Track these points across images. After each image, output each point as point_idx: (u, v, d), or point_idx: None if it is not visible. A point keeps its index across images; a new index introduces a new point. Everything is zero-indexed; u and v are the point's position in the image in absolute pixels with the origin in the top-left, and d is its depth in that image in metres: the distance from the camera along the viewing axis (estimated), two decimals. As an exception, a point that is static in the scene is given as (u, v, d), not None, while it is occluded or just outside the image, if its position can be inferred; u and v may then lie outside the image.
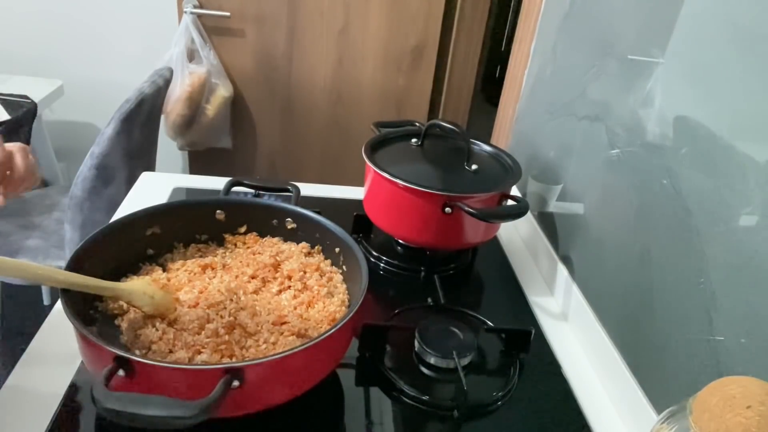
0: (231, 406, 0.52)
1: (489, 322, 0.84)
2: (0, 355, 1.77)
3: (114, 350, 0.52)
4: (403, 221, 0.91)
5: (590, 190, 0.89)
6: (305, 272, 0.76)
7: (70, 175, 2.08)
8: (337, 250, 0.77)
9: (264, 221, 0.82)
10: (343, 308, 0.71)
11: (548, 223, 1.03)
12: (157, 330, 0.64)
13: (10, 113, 1.64)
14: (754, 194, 0.56)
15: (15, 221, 1.66)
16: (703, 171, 0.63)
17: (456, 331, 0.78)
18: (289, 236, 0.82)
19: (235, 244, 0.81)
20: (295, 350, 0.55)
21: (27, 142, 1.68)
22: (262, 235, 0.82)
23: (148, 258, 0.76)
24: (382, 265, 0.97)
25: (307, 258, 0.78)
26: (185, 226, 0.79)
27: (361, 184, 0.99)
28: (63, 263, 1.71)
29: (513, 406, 0.72)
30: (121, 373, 0.51)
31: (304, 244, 0.80)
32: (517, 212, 0.87)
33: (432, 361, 0.74)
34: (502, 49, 2.48)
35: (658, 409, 0.67)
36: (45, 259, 1.53)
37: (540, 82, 1.15)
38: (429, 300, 0.86)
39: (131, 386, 0.52)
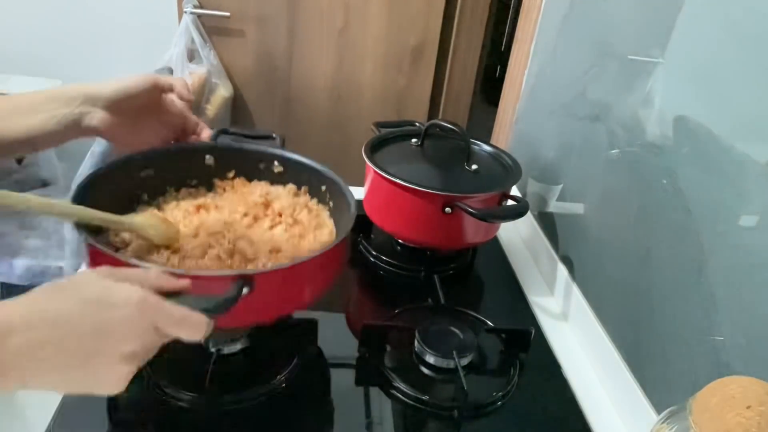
0: (242, 313, 0.56)
1: (489, 322, 0.84)
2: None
3: (132, 260, 0.57)
4: (403, 221, 0.91)
5: (590, 190, 0.89)
6: (295, 209, 0.78)
7: (70, 175, 2.08)
8: (323, 188, 0.80)
9: (251, 165, 0.84)
10: (333, 238, 0.74)
11: (548, 223, 1.03)
12: (161, 256, 0.66)
13: (10, 113, 1.63)
14: (754, 194, 0.56)
15: (15, 221, 1.67)
16: (703, 171, 0.63)
17: (456, 331, 0.78)
18: (276, 179, 0.84)
19: (224, 189, 0.83)
20: (302, 260, 0.63)
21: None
22: (249, 179, 0.84)
23: (143, 202, 0.78)
24: (382, 265, 0.97)
25: (294, 198, 0.81)
26: (177, 171, 0.81)
27: (361, 184, 0.99)
28: (63, 263, 1.70)
29: (513, 406, 0.72)
30: None
31: (291, 186, 0.83)
32: (517, 212, 0.87)
33: (432, 361, 0.74)
34: (502, 49, 2.48)
35: (658, 409, 0.67)
36: (45, 259, 1.53)
37: (540, 82, 1.15)
38: (429, 300, 0.86)
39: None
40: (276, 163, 0.83)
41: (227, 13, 1.82)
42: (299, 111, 2.00)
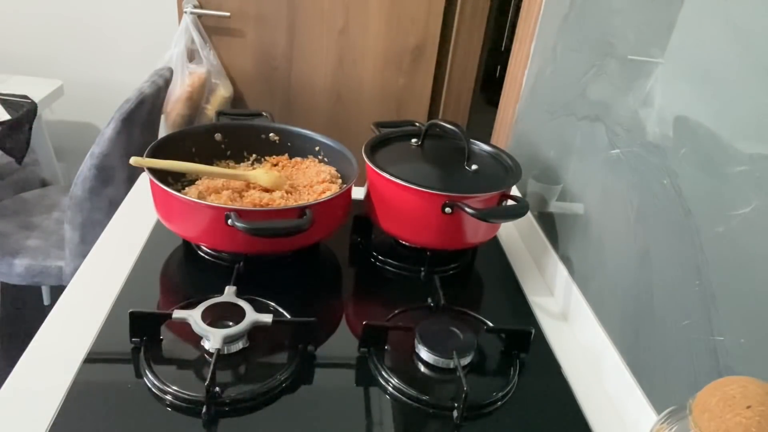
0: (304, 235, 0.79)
1: (489, 322, 0.84)
2: (0, 356, 1.77)
3: (196, 201, 0.80)
4: (403, 221, 0.91)
5: (590, 190, 0.89)
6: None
7: (70, 175, 2.08)
8: (317, 148, 1.05)
9: (254, 138, 1.05)
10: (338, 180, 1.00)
11: (548, 223, 1.03)
12: (219, 197, 0.90)
13: (10, 113, 1.64)
14: (754, 194, 0.56)
15: (15, 221, 1.67)
16: (703, 171, 0.63)
17: (456, 331, 0.78)
18: (275, 147, 1.07)
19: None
20: (334, 195, 0.85)
21: (27, 142, 1.68)
22: (251, 150, 1.06)
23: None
24: (382, 265, 0.97)
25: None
26: (210, 147, 1.03)
27: (361, 184, 0.99)
28: (63, 263, 1.71)
29: (513, 406, 0.72)
30: (231, 217, 0.76)
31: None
32: (517, 212, 0.87)
33: (432, 361, 0.74)
34: (502, 49, 2.48)
35: (658, 409, 0.67)
36: (45, 259, 1.53)
37: (540, 82, 1.15)
38: (429, 300, 0.86)
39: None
40: (272, 134, 1.07)
41: (227, 13, 1.82)
42: (299, 111, 2.00)
